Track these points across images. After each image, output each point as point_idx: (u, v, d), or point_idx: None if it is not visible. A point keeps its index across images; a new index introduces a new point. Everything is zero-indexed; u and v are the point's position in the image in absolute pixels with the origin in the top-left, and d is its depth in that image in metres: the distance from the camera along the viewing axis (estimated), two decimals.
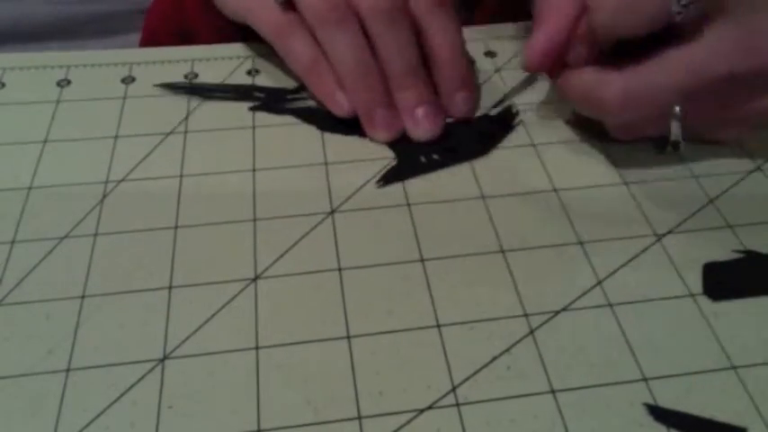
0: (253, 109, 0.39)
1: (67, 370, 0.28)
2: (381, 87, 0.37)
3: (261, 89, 0.40)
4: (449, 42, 0.37)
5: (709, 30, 0.31)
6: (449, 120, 0.38)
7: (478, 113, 0.39)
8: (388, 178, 0.35)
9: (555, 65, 0.35)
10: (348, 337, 0.29)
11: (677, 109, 0.32)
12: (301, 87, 0.40)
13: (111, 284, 0.30)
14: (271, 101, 0.39)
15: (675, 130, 0.32)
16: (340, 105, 0.37)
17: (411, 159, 0.36)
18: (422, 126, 0.37)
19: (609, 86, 0.33)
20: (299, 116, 0.39)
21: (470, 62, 0.42)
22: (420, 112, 0.37)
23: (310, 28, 0.37)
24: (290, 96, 0.40)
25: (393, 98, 0.37)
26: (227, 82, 0.41)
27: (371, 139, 0.37)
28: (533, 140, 0.38)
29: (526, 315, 0.29)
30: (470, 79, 0.39)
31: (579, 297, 0.30)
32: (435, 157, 0.36)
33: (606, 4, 0.32)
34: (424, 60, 0.37)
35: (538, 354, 0.28)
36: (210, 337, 0.29)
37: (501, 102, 0.40)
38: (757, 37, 0.30)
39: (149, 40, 0.47)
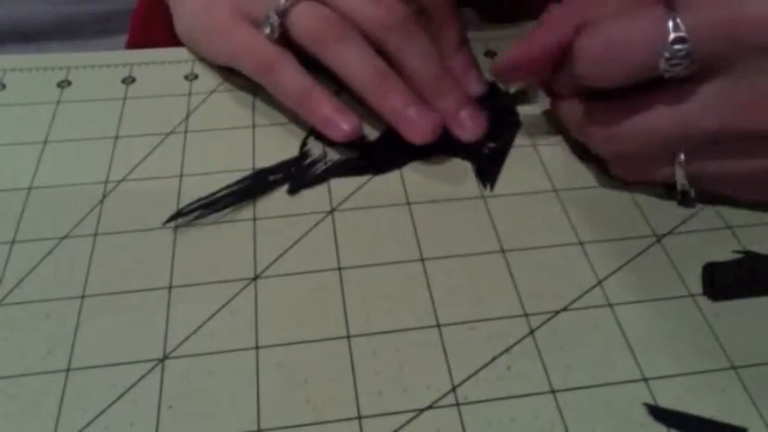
0: (291, 192, 0.35)
1: (67, 370, 0.28)
2: (405, 88, 0.35)
3: (272, 170, 0.36)
4: (454, 34, 0.38)
5: (702, 84, 0.29)
6: None
7: None
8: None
9: (534, 77, 0.35)
10: (348, 337, 0.29)
11: (681, 157, 0.31)
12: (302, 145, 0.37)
13: (110, 284, 0.30)
14: (298, 176, 0.35)
15: (679, 178, 0.31)
16: (338, 128, 0.35)
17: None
18: (468, 128, 0.35)
19: (593, 119, 0.32)
20: (338, 175, 0.36)
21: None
22: (464, 114, 0.35)
23: (313, 54, 0.36)
24: (307, 162, 0.36)
25: (424, 101, 0.36)
26: (227, 81, 0.41)
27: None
28: (533, 141, 0.38)
29: (526, 315, 0.29)
30: (475, 62, 0.39)
31: (579, 297, 0.30)
32: None
33: (589, 53, 0.30)
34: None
35: (538, 354, 0.28)
36: (210, 337, 0.29)
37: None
38: (759, 98, 0.28)
39: (139, 42, 0.46)
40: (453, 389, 0.27)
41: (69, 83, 0.41)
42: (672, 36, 0.28)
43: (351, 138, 0.36)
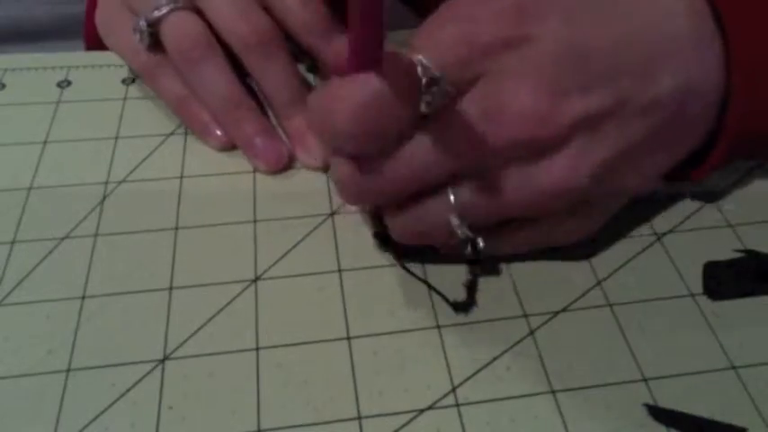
0: None
1: (67, 370, 0.28)
2: (255, 116, 0.36)
3: None
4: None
5: (454, 109, 0.26)
6: None
7: None
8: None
9: None
10: (348, 338, 0.29)
11: (451, 197, 0.27)
12: None
13: (111, 285, 0.30)
14: None
15: (455, 222, 0.27)
16: (214, 136, 0.37)
17: None
18: (312, 152, 0.36)
19: (361, 176, 0.28)
20: None
21: None
22: (309, 138, 0.36)
23: (177, 68, 0.37)
24: None
25: (276, 126, 0.37)
26: None
27: None
28: None
29: (526, 315, 0.29)
30: None
31: (579, 297, 0.30)
32: None
33: (347, 111, 0.25)
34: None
35: (538, 354, 0.28)
36: (211, 338, 0.29)
37: None
38: (498, 100, 0.26)
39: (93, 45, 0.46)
40: (453, 389, 0.27)
41: (69, 83, 0.41)
42: (424, 81, 0.25)
43: (225, 146, 0.37)
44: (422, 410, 0.26)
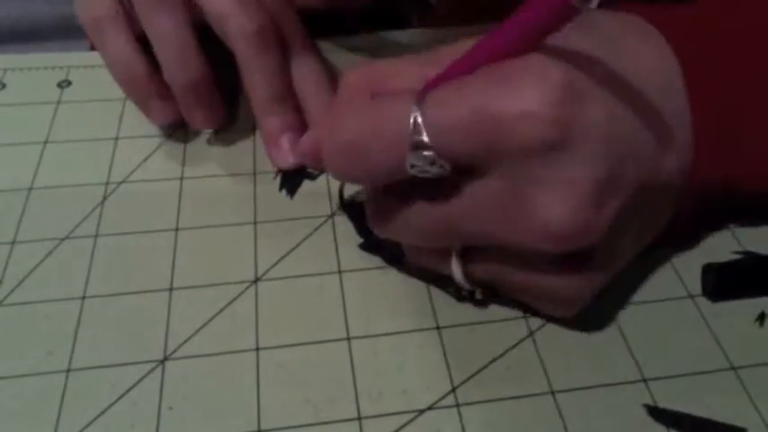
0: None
1: (67, 370, 0.28)
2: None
3: None
4: (314, 76, 0.37)
5: (466, 183, 0.24)
6: None
7: None
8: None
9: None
10: (348, 339, 0.29)
11: (454, 256, 0.27)
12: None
13: (111, 285, 0.30)
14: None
15: (457, 276, 0.28)
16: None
17: None
18: (285, 153, 0.36)
19: (370, 206, 0.29)
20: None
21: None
22: (284, 139, 0.36)
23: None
24: None
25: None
26: None
27: None
28: None
29: (525, 316, 0.29)
30: (319, 76, 0.37)
31: None
32: None
33: (329, 155, 0.26)
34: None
35: (538, 354, 0.28)
36: (211, 339, 0.29)
37: None
38: (522, 208, 0.23)
39: None
40: (453, 390, 0.27)
41: (69, 83, 0.41)
42: (413, 140, 0.23)
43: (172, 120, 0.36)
44: (422, 411, 0.27)
